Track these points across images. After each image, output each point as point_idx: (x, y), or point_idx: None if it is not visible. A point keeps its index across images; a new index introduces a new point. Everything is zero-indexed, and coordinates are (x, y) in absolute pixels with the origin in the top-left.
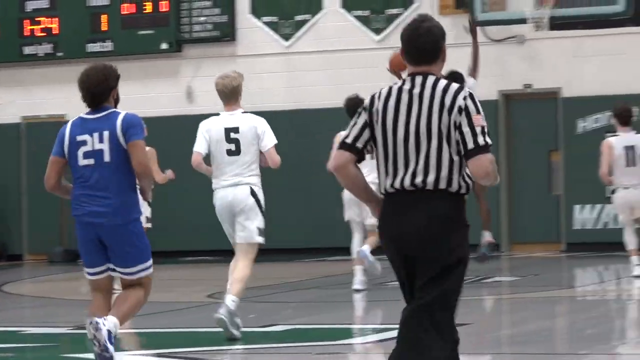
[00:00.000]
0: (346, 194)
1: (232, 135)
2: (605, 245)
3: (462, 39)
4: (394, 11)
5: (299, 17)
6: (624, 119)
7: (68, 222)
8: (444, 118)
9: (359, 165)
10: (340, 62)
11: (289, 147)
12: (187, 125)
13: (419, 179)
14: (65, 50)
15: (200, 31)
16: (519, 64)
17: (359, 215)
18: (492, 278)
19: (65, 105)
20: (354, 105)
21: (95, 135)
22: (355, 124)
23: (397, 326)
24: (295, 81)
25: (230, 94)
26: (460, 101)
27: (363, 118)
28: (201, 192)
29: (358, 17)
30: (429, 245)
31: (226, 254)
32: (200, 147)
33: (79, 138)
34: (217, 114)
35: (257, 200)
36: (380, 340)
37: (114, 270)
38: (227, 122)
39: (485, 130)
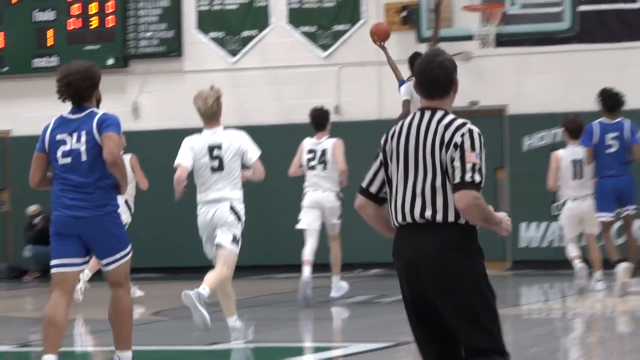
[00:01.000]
0: (307, 201)
1: (215, 152)
2: (551, 263)
3: (408, 55)
4: (341, 27)
5: (245, 33)
6: (574, 132)
7: (13, 238)
8: (443, 153)
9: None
10: (287, 78)
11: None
12: (134, 141)
13: (428, 213)
14: (10, 65)
15: (147, 46)
16: (465, 81)
17: (317, 221)
18: None
19: (10, 121)
20: (320, 116)
21: (74, 135)
22: (372, 166)
23: (343, 344)
24: (241, 97)
25: (212, 113)
26: (457, 138)
27: (379, 159)
28: (143, 208)
29: (305, 34)
30: (442, 277)
31: (170, 271)
32: (186, 160)
33: (59, 137)
34: (163, 130)
35: (237, 215)
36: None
37: (87, 263)
38: (210, 139)
39: (477, 167)
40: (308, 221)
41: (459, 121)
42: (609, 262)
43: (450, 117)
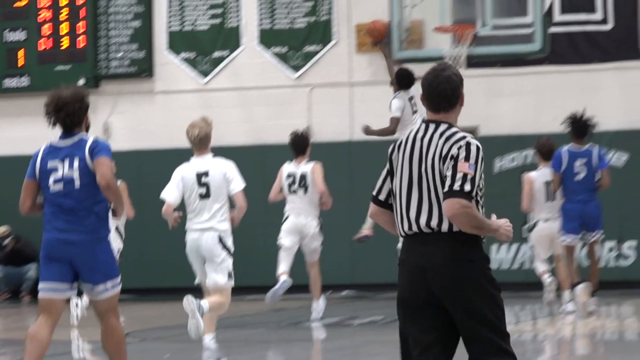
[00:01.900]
0: (288, 225)
1: (203, 179)
2: (522, 286)
3: (380, 76)
4: (312, 48)
5: (216, 54)
6: (546, 155)
7: None
8: (442, 166)
9: None
10: (257, 99)
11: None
12: None
13: (434, 222)
14: None
15: (118, 67)
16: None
17: (295, 244)
18: None
19: None
20: (300, 141)
21: (66, 162)
22: (381, 174)
23: None
24: (212, 118)
25: (200, 143)
26: (454, 150)
27: (386, 167)
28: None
29: (276, 54)
30: (449, 284)
31: (138, 292)
32: (171, 197)
33: (50, 165)
34: (134, 151)
35: (225, 247)
36: None
37: (88, 293)
38: (198, 167)
39: (468, 177)
40: (288, 243)
41: (460, 134)
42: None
43: (453, 130)
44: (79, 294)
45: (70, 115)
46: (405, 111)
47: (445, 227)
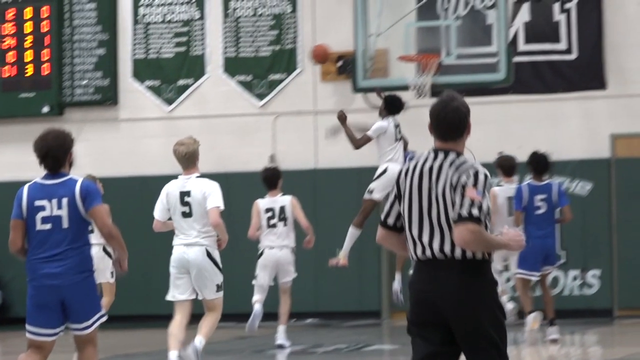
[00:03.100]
0: (264, 260)
1: (186, 198)
2: None
3: (344, 104)
4: (277, 77)
5: (181, 82)
6: (508, 170)
7: None
8: (452, 194)
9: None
10: (222, 127)
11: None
12: None
13: (446, 249)
14: None
15: (82, 95)
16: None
17: (270, 280)
18: (372, 346)
19: None
20: (272, 176)
21: (54, 201)
22: (389, 199)
23: None
24: None
25: (187, 160)
26: (463, 179)
27: (394, 192)
28: None
29: (240, 83)
30: (460, 310)
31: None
32: (159, 214)
33: (37, 203)
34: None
35: (214, 261)
36: None
37: (70, 329)
38: (182, 186)
39: (475, 203)
40: (264, 280)
41: (468, 163)
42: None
43: (461, 159)
44: None
45: (55, 159)
46: (386, 136)
47: (458, 253)
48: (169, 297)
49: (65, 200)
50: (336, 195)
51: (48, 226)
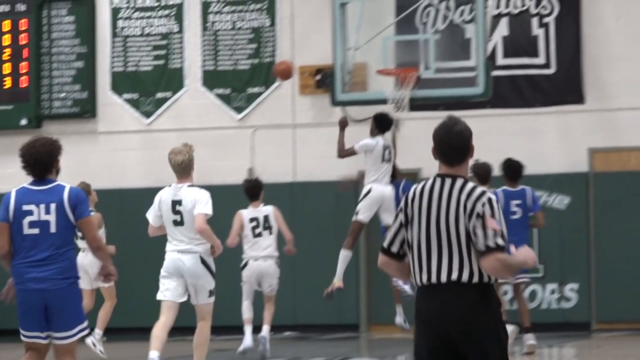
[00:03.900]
0: (248, 271)
1: (177, 207)
2: None
3: (322, 118)
4: (255, 90)
5: (159, 95)
6: (483, 177)
7: None
8: (466, 221)
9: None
10: (201, 140)
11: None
12: None
13: (454, 275)
14: None
15: (61, 107)
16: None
17: (254, 292)
18: (351, 359)
19: None
20: (254, 187)
21: (42, 206)
22: (392, 226)
23: None
24: (155, 159)
25: (182, 170)
26: (478, 207)
27: (399, 219)
28: None
29: (219, 96)
30: (469, 333)
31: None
32: (153, 220)
33: (25, 207)
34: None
35: (208, 267)
36: None
37: (54, 337)
38: (174, 194)
39: (498, 233)
40: (250, 288)
41: (478, 190)
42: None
43: (470, 185)
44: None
45: (42, 165)
46: (373, 154)
47: (465, 277)
48: (159, 296)
49: (53, 206)
50: (314, 209)
51: (36, 231)
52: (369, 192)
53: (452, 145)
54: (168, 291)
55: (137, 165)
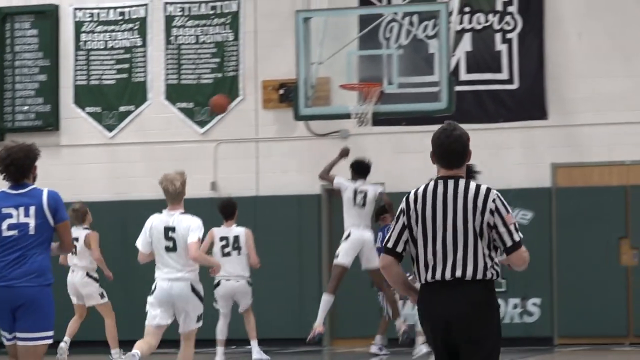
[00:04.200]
0: (221, 291)
1: (170, 234)
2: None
3: (285, 132)
4: None
5: (122, 108)
6: None
7: None
8: (477, 218)
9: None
10: (164, 154)
11: (111, 238)
12: None
13: (459, 272)
14: None
15: (23, 120)
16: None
17: (230, 309)
18: None
19: None
20: (229, 207)
21: (21, 209)
22: (394, 228)
23: None
24: (118, 172)
25: (175, 196)
26: (490, 204)
27: (401, 221)
28: None
29: (182, 110)
30: (473, 329)
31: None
32: (143, 247)
33: (4, 210)
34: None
35: (198, 294)
36: None
37: (19, 338)
38: (167, 221)
39: (517, 226)
40: (225, 309)
41: (484, 187)
42: None
43: (474, 184)
44: None
45: (19, 168)
46: (345, 195)
47: (469, 274)
48: (148, 322)
49: (32, 209)
50: (277, 222)
51: (14, 232)
52: (348, 236)
53: (452, 149)
54: (156, 318)
55: (99, 179)
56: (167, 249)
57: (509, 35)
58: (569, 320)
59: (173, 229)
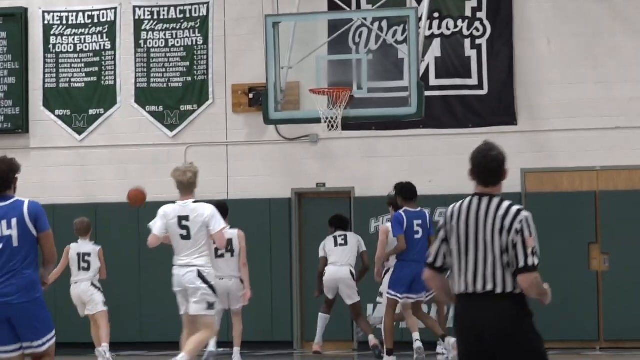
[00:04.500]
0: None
1: (184, 222)
2: (399, 345)
3: (255, 136)
4: (188, 107)
5: (92, 111)
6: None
7: None
8: (504, 237)
9: None
10: (133, 157)
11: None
12: None
13: (489, 286)
14: None
15: None
16: (312, 163)
17: (223, 306)
18: None
19: None
20: (221, 209)
21: (4, 222)
22: (435, 242)
23: None
24: (87, 175)
25: (187, 186)
26: (517, 224)
27: (440, 236)
28: None
29: (152, 113)
30: (507, 341)
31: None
32: (159, 231)
33: None
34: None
35: (205, 281)
36: None
37: (26, 347)
38: (180, 210)
39: (535, 251)
40: (220, 307)
41: (515, 208)
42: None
43: (507, 203)
44: None
45: (4, 181)
46: (326, 243)
47: (499, 289)
48: (181, 312)
49: (14, 221)
50: (247, 225)
51: None
52: (324, 274)
53: (489, 168)
54: (183, 306)
55: (69, 181)
56: (182, 237)
57: (478, 41)
58: (539, 325)
59: (187, 218)
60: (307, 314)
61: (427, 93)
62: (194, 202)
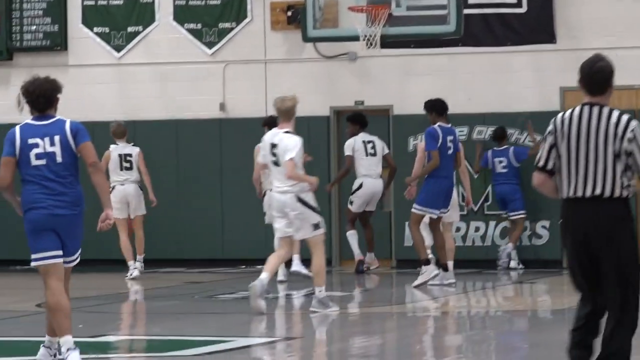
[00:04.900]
0: (267, 201)
1: (274, 150)
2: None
3: (293, 54)
4: (226, 25)
5: (130, 29)
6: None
7: None
8: (617, 144)
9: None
10: (172, 75)
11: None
12: None
13: (598, 190)
14: None
15: (32, 40)
16: (351, 81)
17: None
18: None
19: None
20: (273, 122)
21: (47, 139)
22: (544, 148)
23: (233, 338)
24: (126, 92)
25: (285, 113)
26: (629, 134)
27: (549, 141)
28: None
29: (190, 30)
30: (612, 241)
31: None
32: (262, 158)
33: (31, 141)
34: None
35: (305, 204)
36: (210, 353)
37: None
38: (272, 138)
39: None
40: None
41: (625, 117)
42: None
43: (617, 112)
44: None
45: (48, 99)
46: (357, 152)
47: (608, 193)
48: (276, 235)
49: (57, 138)
50: None
51: (43, 161)
52: (360, 186)
53: (595, 79)
54: (279, 230)
55: (107, 99)
56: (274, 163)
57: None
58: None
59: (276, 146)
60: (345, 233)
61: (466, 11)
62: (286, 132)
